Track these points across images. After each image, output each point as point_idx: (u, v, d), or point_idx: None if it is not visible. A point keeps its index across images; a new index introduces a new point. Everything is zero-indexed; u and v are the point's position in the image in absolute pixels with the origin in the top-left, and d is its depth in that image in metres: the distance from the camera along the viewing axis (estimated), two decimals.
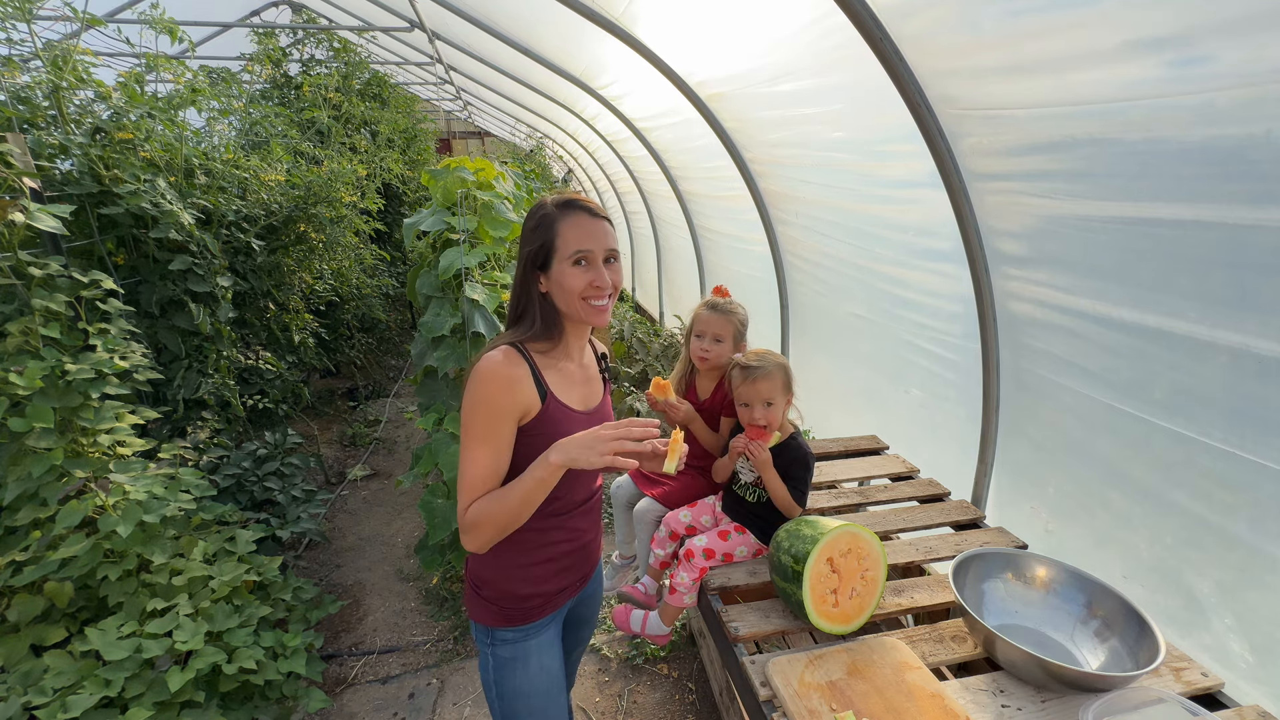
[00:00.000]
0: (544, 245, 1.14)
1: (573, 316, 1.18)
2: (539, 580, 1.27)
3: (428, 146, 6.89)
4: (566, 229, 1.13)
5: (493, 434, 1.10)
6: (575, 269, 1.13)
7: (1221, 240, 1.23)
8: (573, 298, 1.14)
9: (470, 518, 1.09)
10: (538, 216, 1.15)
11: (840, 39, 1.86)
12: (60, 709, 1.54)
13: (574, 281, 1.13)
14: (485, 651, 1.29)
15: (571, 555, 1.30)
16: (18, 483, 1.72)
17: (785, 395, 1.70)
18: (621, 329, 5.44)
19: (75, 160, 2.34)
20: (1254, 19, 1.05)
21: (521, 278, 1.19)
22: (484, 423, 1.09)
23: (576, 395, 1.24)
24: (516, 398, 1.11)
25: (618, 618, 1.92)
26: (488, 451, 1.10)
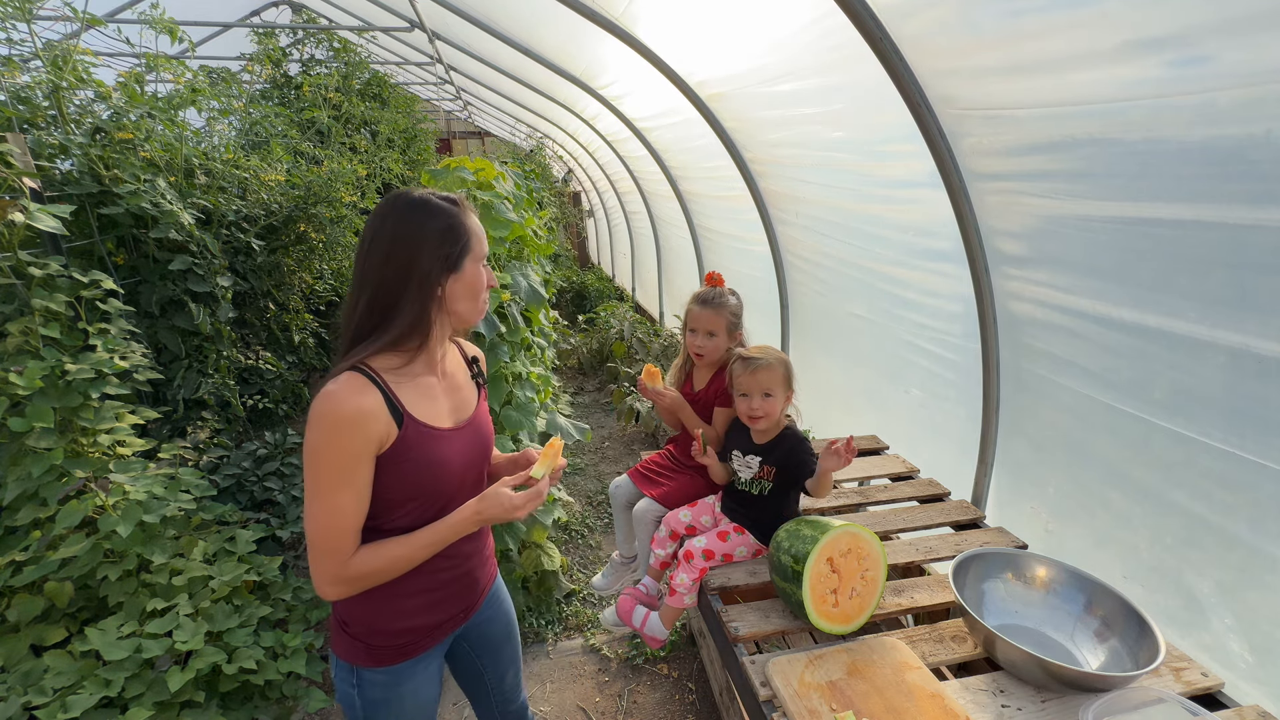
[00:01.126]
0: (462, 247, 1.07)
1: (464, 318, 1.13)
2: (413, 614, 1.15)
3: (428, 146, 6.88)
4: (476, 229, 1.11)
5: (351, 478, 0.99)
6: (482, 269, 1.12)
7: (1221, 240, 1.23)
8: (478, 297, 1.12)
9: (354, 573, 1.01)
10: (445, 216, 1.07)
11: (840, 39, 1.86)
12: (60, 709, 1.54)
13: (483, 281, 1.12)
14: (349, 690, 1.15)
15: (452, 584, 1.20)
16: (18, 483, 1.72)
17: (785, 390, 1.70)
18: (621, 329, 5.44)
19: (75, 160, 2.34)
20: (1254, 19, 1.05)
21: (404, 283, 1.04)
22: (339, 469, 0.98)
23: (443, 409, 1.13)
24: (369, 432, 0.99)
25: (621, 606, 1.92)
26: (349, 497, 0.99)
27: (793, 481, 1.72)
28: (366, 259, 1.04)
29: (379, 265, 1.03)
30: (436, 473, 1.08)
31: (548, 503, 2.67)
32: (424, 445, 1.06)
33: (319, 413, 0.96)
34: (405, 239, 1.04)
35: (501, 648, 1.40)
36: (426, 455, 1.06)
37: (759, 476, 1.74)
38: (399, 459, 1.03)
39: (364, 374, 1.01)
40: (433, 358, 1.13)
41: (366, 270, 1.04)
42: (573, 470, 4.09)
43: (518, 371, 2.40)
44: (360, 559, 1.01)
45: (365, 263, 1.04)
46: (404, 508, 1.07)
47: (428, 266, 1.05)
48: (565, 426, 2.69)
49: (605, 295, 7.81)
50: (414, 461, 1.05)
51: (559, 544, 3.17)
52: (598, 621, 2.66)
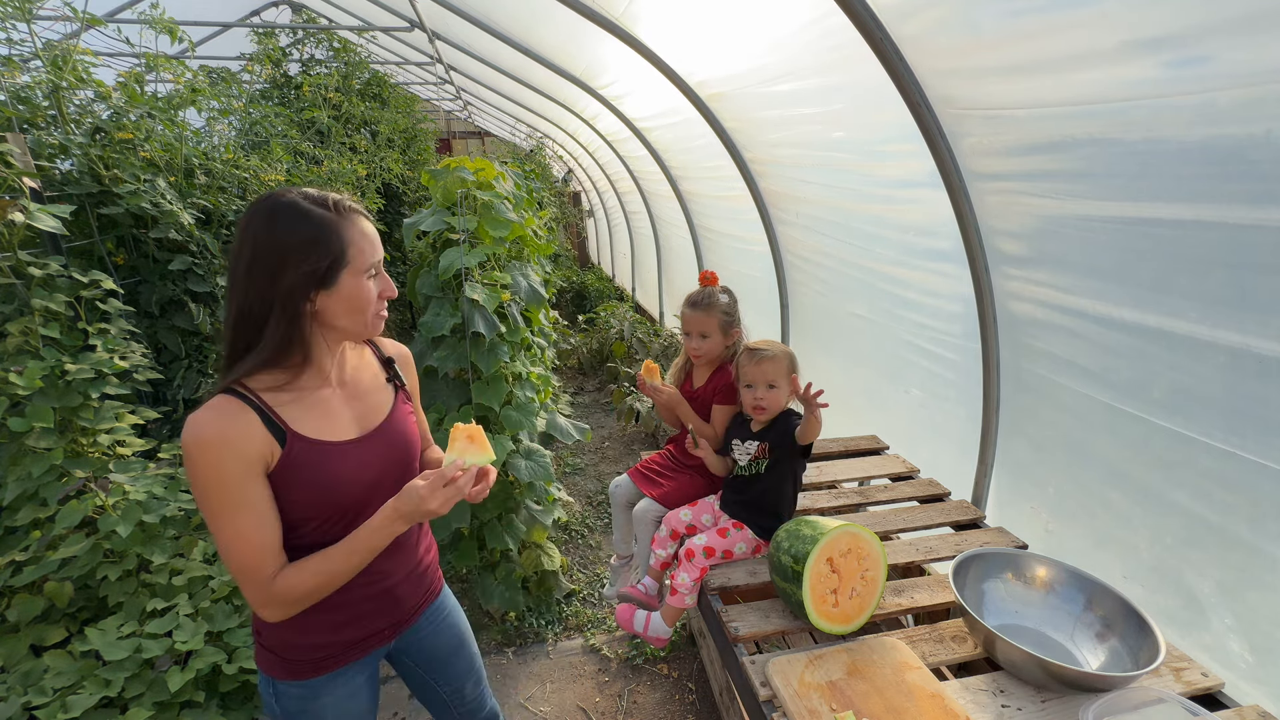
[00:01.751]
0: (334, 259, 0.97)
1: (350, 333, 1.04)
2: (325, 630, 1.10)
3: (428, 146, 6.88)
4: (357, 238, 0.99)
5: (241, 501, 0.94)
6: (370, 281, 1.02)
7: (1221, 240, 1.23)
8: (365, 313, 1.02)
9: (284, 593, 0.96)
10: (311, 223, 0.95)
11: (840, 39, 1.86)
12: (60, 709, 1.54)
13: (369, 295, 1.02)
14: (269, 699, 1.13)
15: (371, 601, 1.14)
16: (18, 483, 1.72)
17: (789, 380, 1.72)
18: (621, 329, 5.44)
19: (75, 160, 2.34)
20: (1254, 19, 1.05)
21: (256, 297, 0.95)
22: (224, 495, 0.93)
23: (342, 421, 1.06)
24: (243, 453, 0.93)
25: (621, 616, 1.93)
26: (248, 520, 0.94)
27: (787, 447, 1.73)
28: (232, 269, 0.96)
29: (243, 277, 0.95)
30: (334, 488, 1.02)
31: (548, 503, 2.67)
32: (315, 461, 1.00)
33: (185, 443, 0.91)
34: (266, 249, 0.94)
35: (449, 662, 1.36)
36: (319, 471, 1.01)
37: (756, 457, 1.76)
38: (288, 478, 0.98)
39: (237, 395, 0.96)
40: (323, 370, 1.06)
41: (233, 282, 0.96)
42: (572, 470, 4.08)
43: (518, 371, 2.40)
44: (284, 579, 0.97)
45: (231, 274, 0.96)
46: (306, 525, 1.02)
47: (291, 281, 0.94)
48: (565, 426, 2.69)
49: (605, 295, 7.81)
50: (305, 479, 0.99)
51: (559, 544, 3.17)
52: (598, 621, 2.65)
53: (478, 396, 2.25)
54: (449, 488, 1.00)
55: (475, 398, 2.26)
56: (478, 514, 2.41)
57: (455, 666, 1.37)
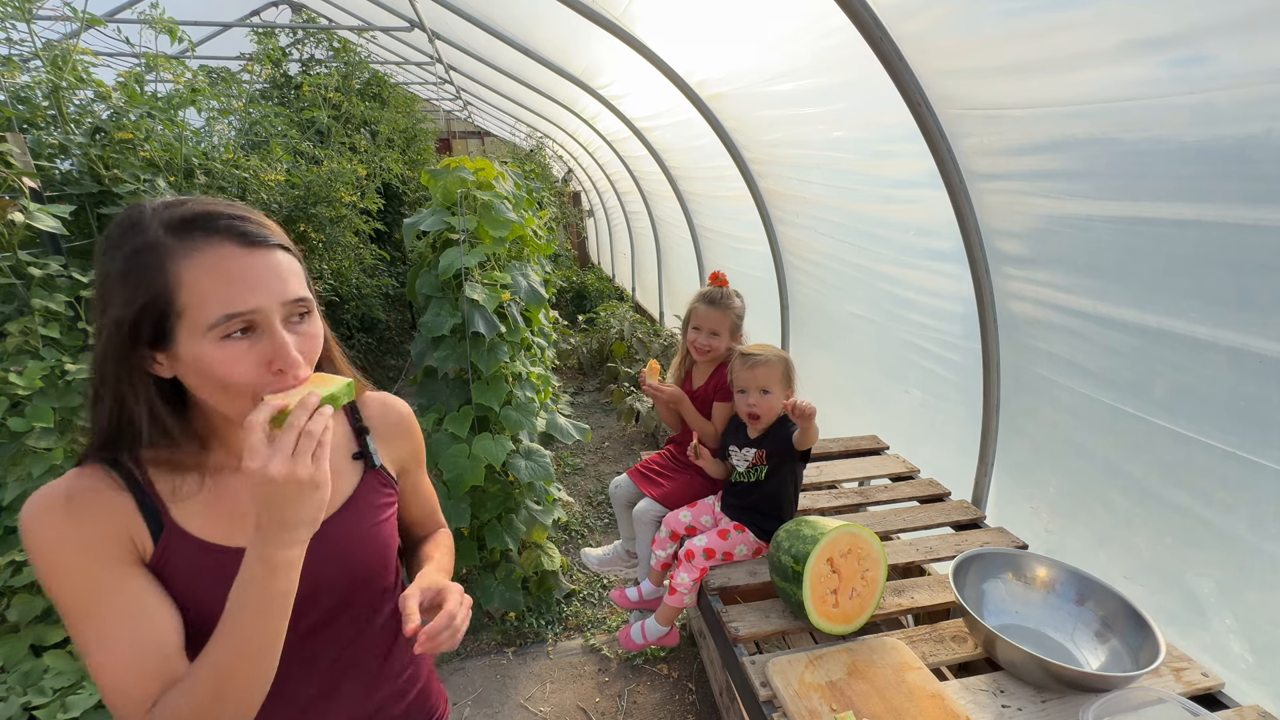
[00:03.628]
0: (147, 306, 0.62)
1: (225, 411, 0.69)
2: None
3: (428, 146, 6.88)
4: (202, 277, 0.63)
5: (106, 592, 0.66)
6: (227, 345, 0.64)
7: (1221, 240, 1.23)
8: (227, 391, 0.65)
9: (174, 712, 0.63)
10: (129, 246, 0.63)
11: (840, 39, 1.86)
12: (60, 709, 1.54)
13: (228, 364, 0.64)
14: None
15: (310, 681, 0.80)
16: (18, 483, 1.72)
17: (784, 387, 1.72)
18: (621, 329, 5.44)
19: (75, 160, 2.34)
20: (1254, 19, 1.05)
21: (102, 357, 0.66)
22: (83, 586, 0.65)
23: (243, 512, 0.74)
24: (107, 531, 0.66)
25: (624, 642, 1.93)
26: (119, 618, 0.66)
27: (785, 455, 1.72)
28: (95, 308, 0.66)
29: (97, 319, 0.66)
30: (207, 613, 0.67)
31: (548, 503, 2.67)
32: (203, 569, 0.71)
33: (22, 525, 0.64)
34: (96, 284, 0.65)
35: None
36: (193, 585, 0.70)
37: (754, 464, 1.75)
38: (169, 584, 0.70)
39: (104, 464, 0.69)
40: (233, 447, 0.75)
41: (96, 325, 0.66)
42: (572, 470, 4.08)
43: (518, 371, 2.40)
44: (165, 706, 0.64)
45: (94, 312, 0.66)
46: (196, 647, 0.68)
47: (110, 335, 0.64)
48: (565, 426, 2.69)
49: (605, 295, 7.82)
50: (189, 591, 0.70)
51: (559, 544, 3.17)
52: (598, 621, 2.65)
53: (478, 396, 2.25)
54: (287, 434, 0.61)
55: (475, 398, 2.26)
56: (478, 514, 2.41)
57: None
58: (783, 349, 3.41)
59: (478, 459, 2.20)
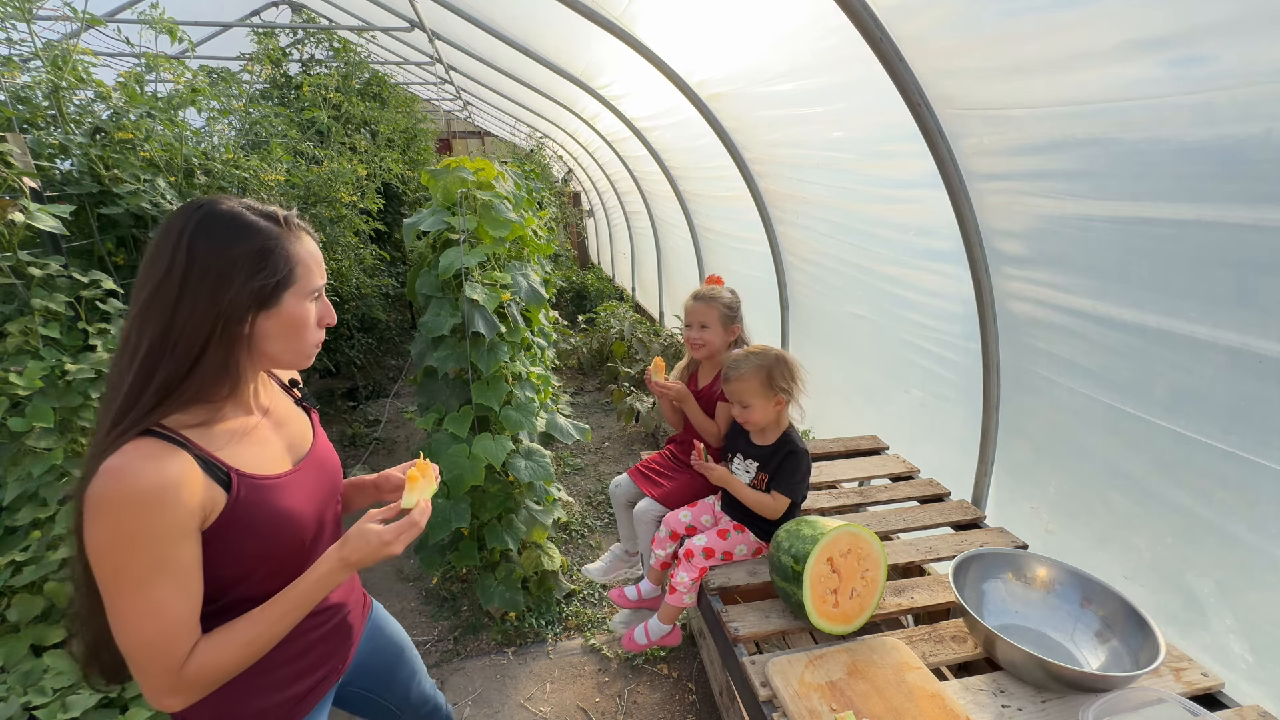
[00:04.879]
0: (281, 278, 0.86)
1: (278, 360, 0.91)
2: (291, 682, 0.98)
3: (428, 146, 6.88)
4: (305, 256, 0.89)
5: (169, 566, 0.78)
6: (312, 305, 0.91)
7: (1221, 240, 1.23)
8: (303, 339, 0.91)
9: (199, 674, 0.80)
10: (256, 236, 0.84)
11: (840, 39, 1.86)
12: (60, 709, 1.54)
13: (310, 319, 0.91)
14: None
15: (323, 643, 1.03)
16: (18, 483, 1.72)
17: (766, 397, 1.67)
18: (622, 329, 5.44)
19: (75, 160, 2.34)
20: (1254, 19, 1.05)
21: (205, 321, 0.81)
22: (150, 559, 0.76)
23: (275, 451, 0.95)
24: (185, 505, 0.78)
25: (626, 643, 1.93)
26: (172, 590, 0.78)
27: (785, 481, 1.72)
28: (154, 285, 0.80)
29: (171, 299, 0.80)
30: (286, 527, 0.90)
31: (548, 503, 2.67)
32: (264, 501, 0.88)
33: (105, 497, 0.74)
34: (207, 262, 0.81)
35: (394, 673, 1.28)
36: (270, 512, 0.88)
37: (755, 483, 1.74)
38: (236, 525, 0.85)
39: (160, 436, 0.80)
40: (244, 398, 0.93)
41: (151, 300, 0.80)
42: (572, 470, 4.08)
43: (518, 371, 2.40)
44: (202, 657, 0.80)
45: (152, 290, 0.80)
46: (251, 578, 0.89)
47: (234, 299, 0.82)
48: (565, 426, 2.69)
49: (605, 295, 7.81)
50: (256, 523, 0.87)
51: (559, 544, 3.16)
52: (598, 621, 2.65)
53: (478, 396, 2.25)
54: (413, 529, 0.93)
55: (475, 398, 2.26)
56: (478, 514, 2.41)
57: (399, 675, 1.29)
58: (783, 348, 3.42)
59: (478, 459, 2.20)
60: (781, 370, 1.68)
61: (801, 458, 1.71)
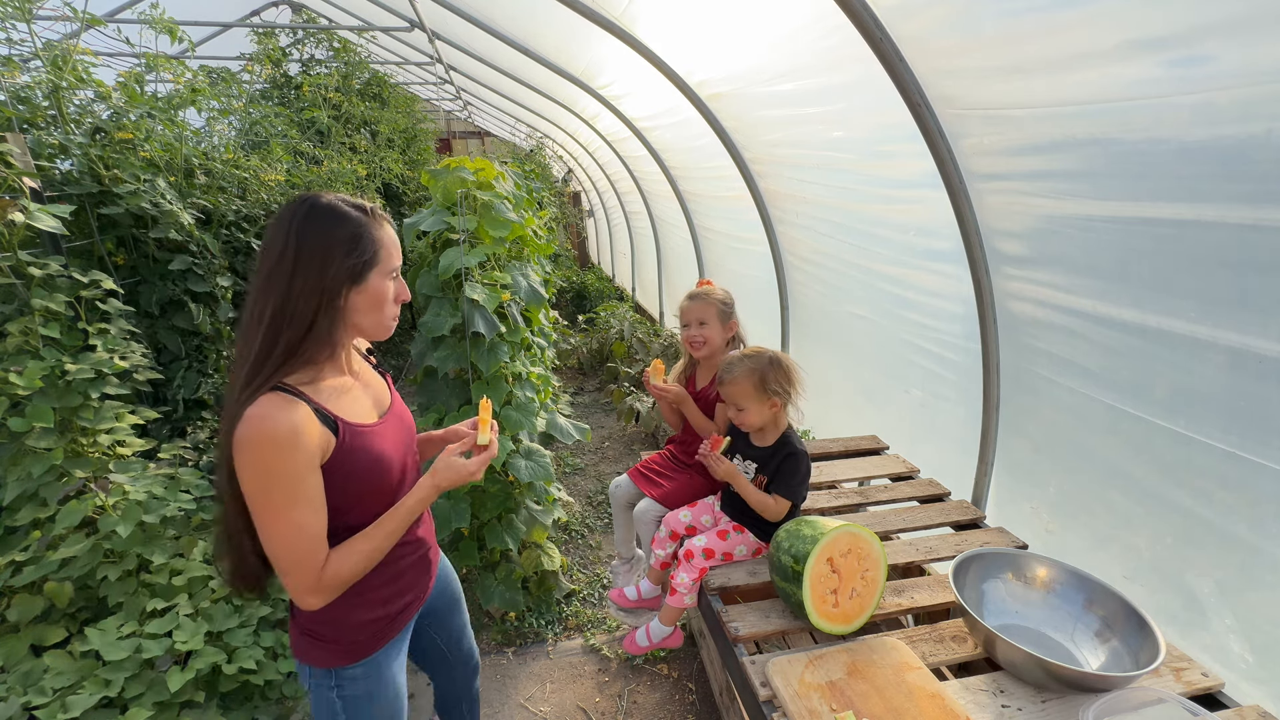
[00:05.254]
0: (369, 259, 1.04)
1: (366, 331, 1.11)
2: (381, 603, 1.18)
3: (428, 146, 6.88)
4: (387, 240, 1.08)
5: (303, 493, 0.98)
6: (390, 283, 1.10)
7: (1221, 240, 1.23)
8: (384, 311, 1.09)
9: (332, 579, 1.02)
10: (351, 224, 1.03)
11: (840, 39, 1.86)
12: (60, 709, 1.54)
13: (390, 294, 1.10)
14: (327, 694, 1.16)
15: (411, 570, 1.25)
16: (18, 483, 1.72)
17: (760, 400, 1.67)
18: (622, 329, 5.44)
19: (75, 160, 2.34)
20: (1254, 19, 1.05)
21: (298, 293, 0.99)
22: (290, 488, 0.97)
23: (365, 406, 1.14)
24: (309, 445, 0.98)
25: (628, 646, 1.92)
26: (308, 512, 0.99)
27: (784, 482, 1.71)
28: (271, 265, 0.99)
29: (286, 276, 0.98)
30: (380, 466, 1.10)
31: (548, 503, 2.67)
32: (362, 445, 1.07)
33: (252, 438, 0.93)
34: (313, 245, 1.00)
35: (452, 615, 1.48)
36: (367, 454, 1.08)
37: (754, 484, 1.74)
38: (344, 464, 1.04)
39: (284, 391, 0.98)
40: (339, 363, 1.12)
41: (269, 278, 0.99)
42: (572, 470, 4.08)
43: (518, 371, 2.40)
44: (335, 563, 1.03)
45: (270, 270, 0.99)
46: (361, 507, 1.09)
47: (335, 276, 1.01)
48: (565, 426, 2.69)
49: (605, 295, 7.81)
50: (359, 462, 1.06)
51: (559, 544, 3.16)
52: (598, 622, 2.66)
53: (477, 397, 2.25)
54: (488, 457, 1.20)
55: (475, 398, 2.26)
56: (478, 514, 2.41)
57: (455, 620, 1.50)
58: (783, 349, 3.42)
59: None
60: (776, 373, 1.67)
61: (801, 459, 1.71)
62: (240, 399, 0.97)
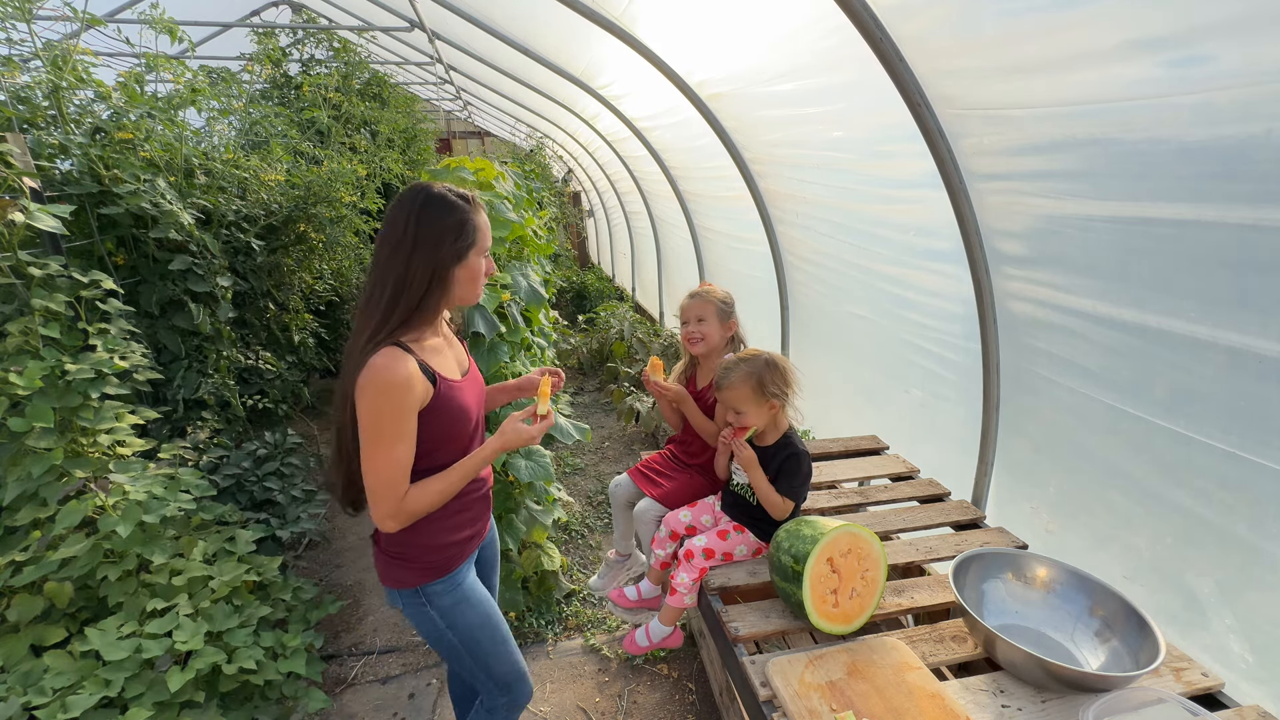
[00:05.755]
0: (471, 241, 1.25)
1: (464, 299, 1.32)
2: (455, 530, 1.39)
3: (428, 146, 6.88)
4: (483, 225, 1.28)
5: (403, 432, 1.19)
6: (484, 260, 1.31)
7: (1221, 240, 1.23)
8: (477, 284, 1.31)
9: (409, 508, 1.22)
10: (459, 212, 1.23)
11: (840, 39, 1.86)
12: (60, 709, 1.54)
13: (481, 270, 1.31)
14: (422, 611, 1.36)
15: (476, 504, 1.45)
16: (18, 483, 1.72)
17: (758, 403, 1.67)
18: (621, 329, 5.44)
19: (75, 160, 2.34)
20: (1254, 19, 1.05)
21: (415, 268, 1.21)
22: (395, 426, 1.18)
23: (451, 365, 1.34)
24: (414, 393, 1.19)
25: (628, 646, 1.92)
26: (403, 448, 1.20)
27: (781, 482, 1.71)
28: (393, 245, 1.21)
29: (406, 254, 1.20)
30: (462, 417, 1.31)
31: (548, 503, 2.67)
32: (452, 397, 1.28)
33: (374, 381, 1.15)
34: (430, 229, 1.21)
35: (491, 573, 1.67)
36: (454, 405, 1.28)
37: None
38: (437, 411, 1.24)
39: (400, 347, 1.20)
40: (437, 326, 1.33)
41: (395, 256, 1.21)
42: (572, 470, 4.08)
43: (517, 371, 2.40)
44: (412, 496, 1.23)
45: (392, 249, 1.21)
46: (442, 450, 1.29)
47: (446, 254, 1.22)
48: (565, 426, 2.69)
49: (605, 295, 7.81)
50: (447, 411, 1.26)
51: (559, 544, 3.16)
52: (598, 621, 2.66)
53: None
54: (546, 424, 1.35)
55: None
56: None
57: (492, 578, 1.68)
58: (783, 349, 3.42)
59: None
60: (772, 375, 1.67)
61: (802, 459, 1.71)
62: (364, 350, 1.18)
